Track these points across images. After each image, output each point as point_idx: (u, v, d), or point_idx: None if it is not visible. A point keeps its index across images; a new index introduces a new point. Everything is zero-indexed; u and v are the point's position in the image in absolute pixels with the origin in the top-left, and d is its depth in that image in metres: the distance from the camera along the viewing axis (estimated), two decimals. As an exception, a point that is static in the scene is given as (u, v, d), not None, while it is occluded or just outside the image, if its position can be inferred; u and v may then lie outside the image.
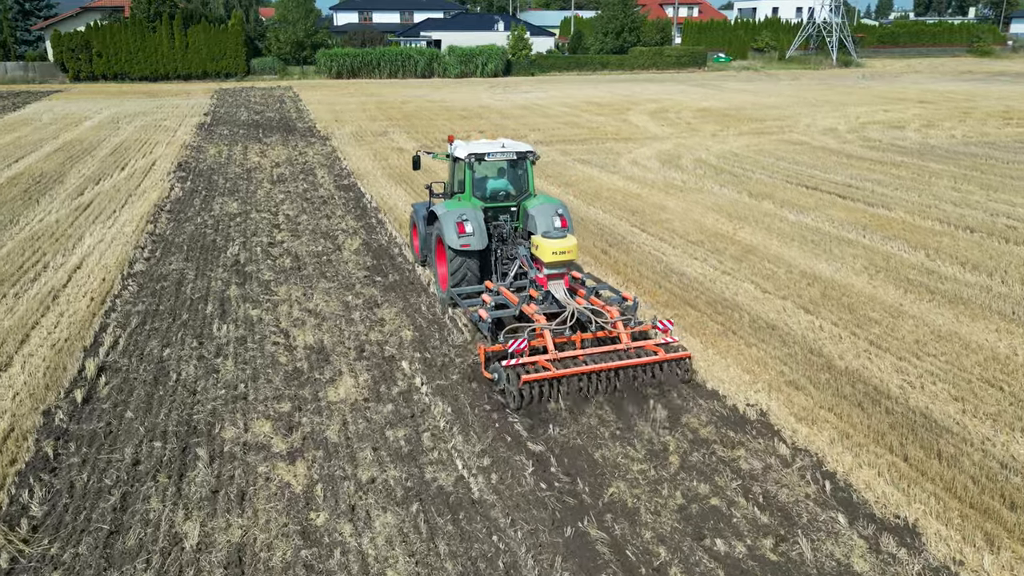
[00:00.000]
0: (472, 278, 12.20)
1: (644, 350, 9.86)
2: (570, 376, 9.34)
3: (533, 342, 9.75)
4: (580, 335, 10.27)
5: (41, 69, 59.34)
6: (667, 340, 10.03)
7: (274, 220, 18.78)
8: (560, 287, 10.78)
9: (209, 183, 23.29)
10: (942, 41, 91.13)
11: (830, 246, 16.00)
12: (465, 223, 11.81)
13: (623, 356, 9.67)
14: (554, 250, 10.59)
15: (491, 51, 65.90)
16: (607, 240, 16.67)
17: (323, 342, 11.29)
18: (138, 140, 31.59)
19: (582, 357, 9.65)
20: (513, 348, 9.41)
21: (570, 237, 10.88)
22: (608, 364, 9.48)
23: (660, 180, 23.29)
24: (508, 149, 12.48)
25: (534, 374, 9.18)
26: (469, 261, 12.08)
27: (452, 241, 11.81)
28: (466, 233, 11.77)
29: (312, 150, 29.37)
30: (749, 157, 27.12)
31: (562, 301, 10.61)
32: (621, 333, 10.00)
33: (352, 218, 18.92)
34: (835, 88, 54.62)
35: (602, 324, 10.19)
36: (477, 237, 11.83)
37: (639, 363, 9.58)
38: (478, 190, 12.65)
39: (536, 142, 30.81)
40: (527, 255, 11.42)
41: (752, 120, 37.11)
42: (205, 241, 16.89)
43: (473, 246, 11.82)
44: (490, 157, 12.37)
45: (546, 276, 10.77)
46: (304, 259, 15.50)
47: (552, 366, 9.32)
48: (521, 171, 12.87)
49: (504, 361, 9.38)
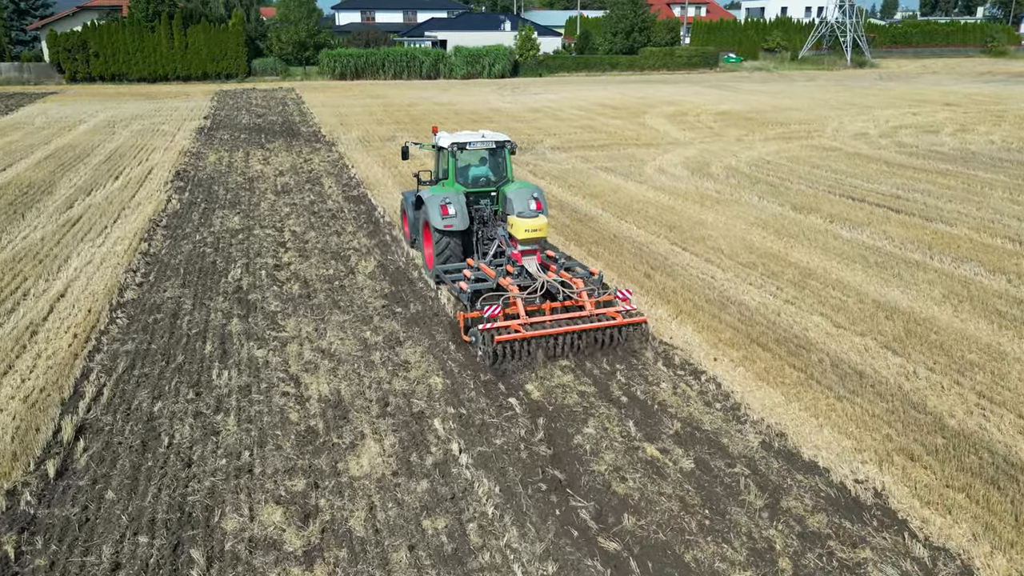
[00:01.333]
0: (456, 256, 13.40)
1: (606, 316, 10.96)
2: (538, 337, 10.48)
3: (507, 309, 10.98)
4: (549, 304, 11.44)
5: (36, 70, 57.73)
6: (628, 308, 11.07)
7: (279, 237, 17.20)
8: (532, 262, 11.90)
9: (209, 194, 21.71)
10: (955, 41, 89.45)
11: (898, 269, 14.41)
12: (448, 206, 13.03)
13: (587, 321, 10.83)
14: (526, 228, 11.74)
15: (498, 51, 64.27)
16: (648, 262, 15.08)
17: (340, 393, 9.70)
18: (134, 146, 30.00)
19: (550, 321, 10.84)
20: (488, 313, 10.52)
21: (541, 217, 12.03)
22: (573, 327, 10.59)
23: (692, 190, 21.70)
24: (488, 139, 13.81)
25: (506, 335, 10.32)
26: (452, 241, 13.29)
27: (437, 223, 13.03)
28: (449, 215, 12.99)
29: (317, 157, 27.78)
30: (782, 164, 25.52)
31: (534, 274, 11.71)
32: (585, 302, 11.19)
33: (364, 235, 17.33)
34: (853, 89, 52.99)
35: (568, 294, 11.41)
36: (459, 219, 13.05)
37: (601, 327, 10.72)
38: (461, 177, 13.90)
39: (554, 148, 29.25)
40: (505, 235, 12.63)
41: (776, 124, 35.50)
42: (204, 263, 15.31)
43: (456, 227, 13.05)
44: (471, 146, 13.71)
45: (520, 252, 11.91)
46: (314, 284, 13.92)
47: (522, 328, 10.48)
48: (500, 159, 14.12)
49: (481, 325, 10.49)
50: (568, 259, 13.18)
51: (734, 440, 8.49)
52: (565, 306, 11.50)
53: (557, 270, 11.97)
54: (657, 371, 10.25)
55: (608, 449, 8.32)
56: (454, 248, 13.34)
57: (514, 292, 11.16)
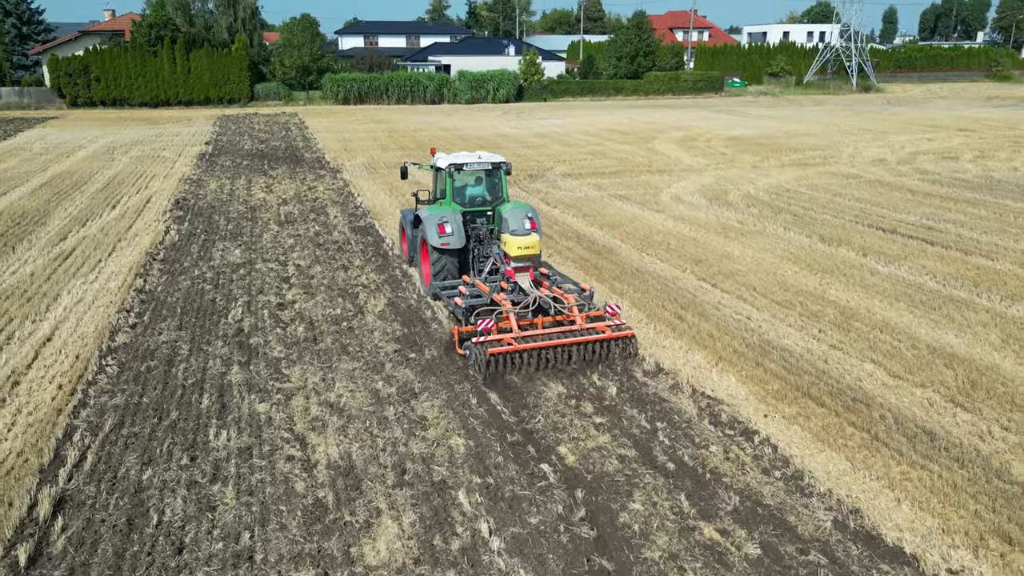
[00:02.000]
0: (452, 274, 13.77)
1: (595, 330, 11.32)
2: (530, 350, 10.83)
3: (500, 323, 11.37)
4: (542, 318, 11.81)
5: (37, 95, 57.24)
6: (617, 322, 11.49)
7: (283, 272, 16.26)
8: (525, 278, 12.20)
9: (209, 224, 20.81)
10: (959, 65, 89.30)
11: (947, 309, 13.43)
12: (445, 225, 13.40)
13: (578, 335, 11.20)
14: (519, 245, 12.02)
15: (503, 76, 63.87)
16: (677, 300, 14.10)
17: (351, 457, 8.68)
18: (133, 173, 29.19)
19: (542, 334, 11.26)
20: (482, 327, 10.90)
21: (534, 235, 12.35)
22: (564, 340, 10.99)
23: (713, 220, 20.80)
24: (484, 160, 14.12)
25: (499, 348, 10.68)
26: (449, 258, 13.69)
27: (434, 241, 13.42)
28: (446, 234, 13.36)
29: (322, 184, 26.93)
30: (802, 192, 24.66)
31: (527, 290, 12.02)
32: (576, 316, 11.54)
33: (373, 269, 16.38)
34: (862, 114, 52.41)
35: (560, 309, 11.75)
36: (456, 237, 13.41)
37: (590, 340, 11.07)
38: (458, 196, 14.25)
39: (564, 175, 28.43)
40: (499, 253, 12.80)
41: (790, 150, 34.74)
42: (203, 301, 14.34)
43: (452, 245, 13.44)
44: (468, 167, 14.06)
45: (513, 269, 12.18)
46: (320, 326, 12.94)
47: (515, 342, 10.87)
48: (496, 179, 14.44)
49: (475, 339, 10.86)
50: (561, 276, 13.86)
51: (802, 518, 7.46)
52: (557, 320, 11.85)
53: (550, 286, 12.47)
54: (703, 430, 9.24)
55: (660, 530, 7.29)
56: (450, 266, 13.79)
57: (507, 307, 11.57)
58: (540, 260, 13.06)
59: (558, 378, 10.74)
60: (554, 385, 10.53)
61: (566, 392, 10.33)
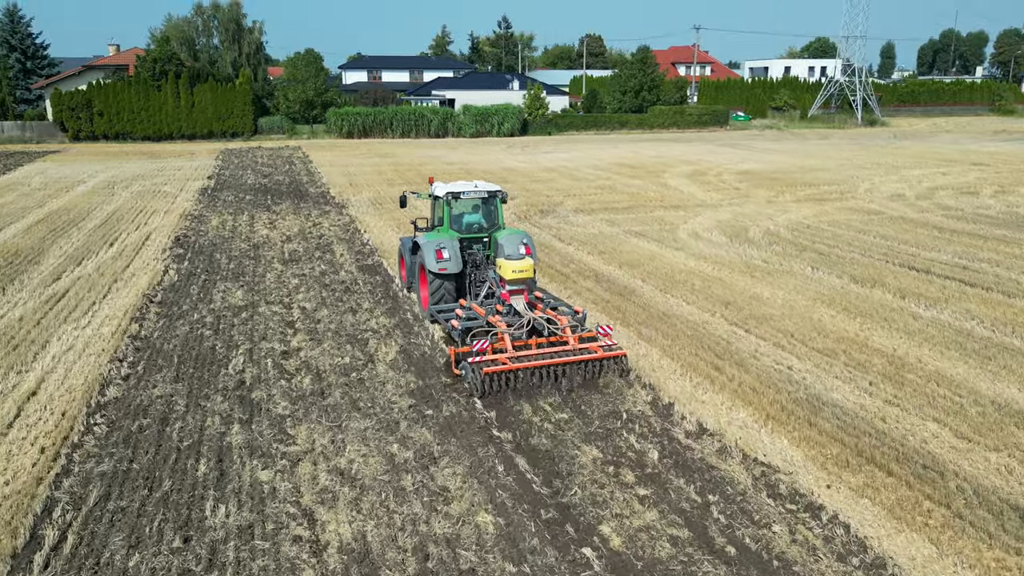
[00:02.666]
0: (449, 297, 14.13)
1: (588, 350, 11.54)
2: (524, 369, 10.99)
3: (495, 344, 11.52)
4: (536, 339, 12.04)
5: (39, 129, 56.88)
6: (609, 343, 11.76)
7: (287, 315, 15.33)
8: (520, 301, 12.61)
9: (210, 263, 19.94)
10: (962, 100, 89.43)
11: (1003, 359, 12.46)
12: (443, 251, 13.79)
13: (570, 355, 11.39)
14: (513, 269, 12.70)
15: (507, 110, 63.64)
16: (711, 348, 13.14)
17: (366, 538, 7.66)
18: (133, 208, 28.42)
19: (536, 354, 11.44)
20: (477, 347, 11.23)
21: (527, 260, 13.03)
22: (557, 360, 11.20)
23: (736, 259, 19.93)
24: (480, 189, 14.60)
25: (494, 367, 10.85)
26: (446, 283, 14.04)
27: (432, 266, 13.80)
28: (444, 259, 13.75)
29: (327, 220, 26.13)
30: (824, 229, 23.84)
31: (521, 312, 12.40)
32: (569, 337, 11.79)
33: (383, 312, 15.45)
34: (870, 148, 51.93)
35: (553, 331, 12.08)
36: (453, 263, 13.81)
37: (583, 359, 11.27)
38: (455, 224, 14.73)
39: (576, 210, 27.66)
40: (495, 277, 13.33)
41: (804, 184, 34.04)
42: (202, 349, 13.38)
43: (449, 270, 13.81)
44: (465, 196, 14.55)
45: (508, 291, 12.65)
46: (328, 377, 11.97)
47: (509, 361, 11.06)
48: (492, 207, 14.93)
49: (470, 359, 11.09)
50: (555, 299, 14.07)
51: (893, 619, 6.43)
52: (551, 341, 12.05)
53: (544, 308, 12.82)
54: (761, 504, 8.22)
55: (730, 635, 6.25)
56: (448, 290, 14.15)
57: (501, 328, 11.87)
58: (535, 284, 13.57)
59: (591, 440, 9.75)
60: (587, 448, 9.54)
61: (602, 457, 9.33)
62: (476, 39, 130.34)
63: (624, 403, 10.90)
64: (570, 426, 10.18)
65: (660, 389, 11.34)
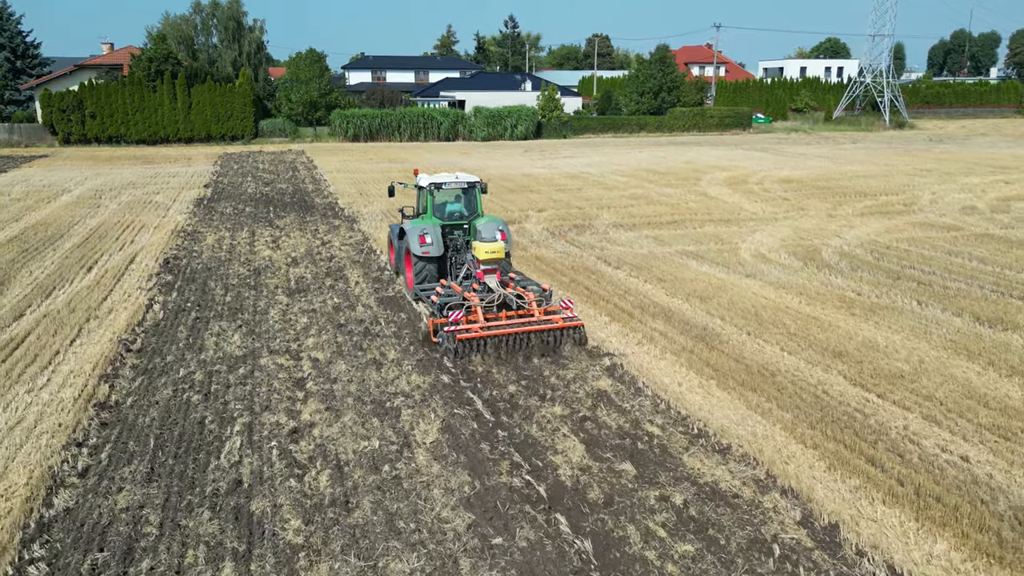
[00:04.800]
0: (432, 278, 15.52)
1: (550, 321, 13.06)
2: (492, 336, 12.53)
3: (469, 316, 13.10)
4: (506, 312, 13.57)
5: (28, 131, 53.82)
6: (569, 315, 13.24)
7: (296, 369, 12.32)
8: (493, 279, 14.02)
9: (203, 294, 16.93)
10: (988, 102, 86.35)
11: None
12: (426, 236, 15.19)
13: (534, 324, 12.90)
14: (487, 250, 13.98)
15: (521, 112, 60.56)
16: (848, 425, 10.11)
17: None
18: (119, 223, 25.41)
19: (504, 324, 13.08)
20: (452, 318, 12.85)
21: (499, 243, 14.17)
22: (522, 329, 12.71)
23: (822, 289, 16.92)
24: (460, 180, 15.96)
25: (466, 334, 12.45)
26: (429, 265, 15.48)
27: (416, 250, 15.24)
28: (426, 243, 15.17)
29: (337, 238, 23.09)
30: (907, 250, 20.81)
31: (494, 289, 13.86)
32: (535, 310, 13.41)
33: (414, 366, 12.42)
34: (914, 153, 48.87)
35: (521, 305, 13.68)
36: (435, 246, 15.21)
37: (544, 328, 12.74)
38: (438, 212, 16.00)
39: (615, 225, 24.66)
40: (472, 258, 14.60)
41: (858, 194, 31.00)
42: (187, 424, 10.36)
43: (431, 253, 15.23)
44: (446, 186, 15.85)
45: (482, 271, 14.09)
46: (352, 473, 8.96)
47: (480, 330, 12.62)
48: (472, 196, 16.19)
49: (446, 328, 12.71)
50: (525, 278, 15.67)
51: None
52: (519, 314, 13.49)
53: (515, 286, 14.26)
54: None
55: None
56: (430, 271, 15.62)
57: (474, 301, 13.25)
58: (509, 265, 15.79)
59: None
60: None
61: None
62: (482, 39, 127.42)
63: (769, 529, 7.88)
64: (703, 567, 7.16)
65: (811, 500, 8.31)
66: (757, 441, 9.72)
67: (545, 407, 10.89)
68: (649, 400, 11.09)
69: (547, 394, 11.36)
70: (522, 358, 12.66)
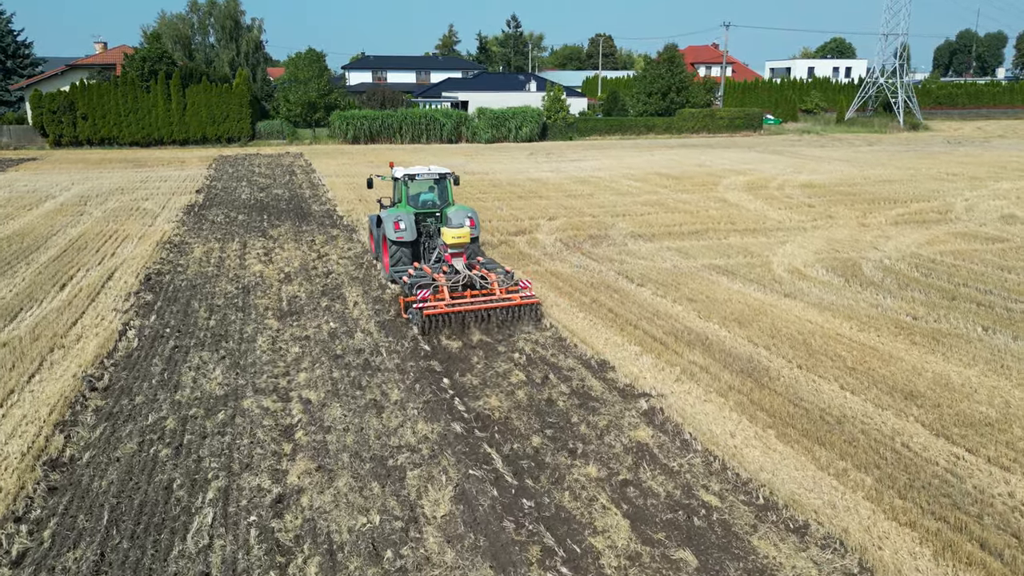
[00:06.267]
0: (406, 261, 16.85)
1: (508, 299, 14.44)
2: (456, 313, 13.95)
3: (435, 296, 14.39)
4: (471, 292, 14.79)
5: (17, 133, 52.13)
6: (527, 294, 14.64)
7: (283, 415, 10.63)
8: (459, 261, 15.34)
9: (184, 317, 15.24)
10: (1002, 102, 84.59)
11: None
12: (400, 223, 16.65)
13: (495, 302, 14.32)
14: (453, 235, 15.34)
15: (526, 113, 58.85)
16: (930, 486, 8.42)
17: None
18: (101, 233, 23.73)
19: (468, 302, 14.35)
20: (421, 296, 14.10)
21: (465, 228, 15.53)
22: (483, 306, 14.15)
23: (872, 311, 15.22)
24: (432, 171, 17.41)
25: (433, 310, 13.80)
26: (403, 249, 16.85)
27: (391, 235, 16.68)
28: (400, 229, 16.62)
29: (335, 250, 21.40)
30: (953, 264, 19.11)
31: (460, 270, 15.15)
32: (496, 289, 14.61)
33: (420, 409, 10.73)
34: (934, 156, 47.14)
35: (484, 285, 14.93)
36: (408, 232, 16.65)
37: (503, 305, 14.21)
38: (412, 201, 17.52)
39: (633, 235, 22.96)
40: (441, 243, 15.95)
41: (886, 201, 29.29)
42: (150, 489, 8.66)
43: (405, 238, 16.66)
44: (419, 177, 17.39)
45: (450, 254, 15.47)
46: (347, 563, 7.27)
47: (445, 307, 13.93)
48: (443, 187, 17.68)
49: (415, 305, 13.97)
50: (491, 262, 16.67)
51: None
52: (483, 293, 14.71)
53: (480, 268, 15.37)
54: None
55: None
56: (405, 255, 16.73)
57: (441, 281, 14.53)
58: (478, 249, 16.95)
59: None
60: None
61: None
62: (484, 39, 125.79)
63: None
64: None
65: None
66: (839, 516, 8.03)
67: (577, 466, 9.20)
68: (700, 457, 9.40)
69: (578, 448, 9.67)
70: (545, 402, 10.99)
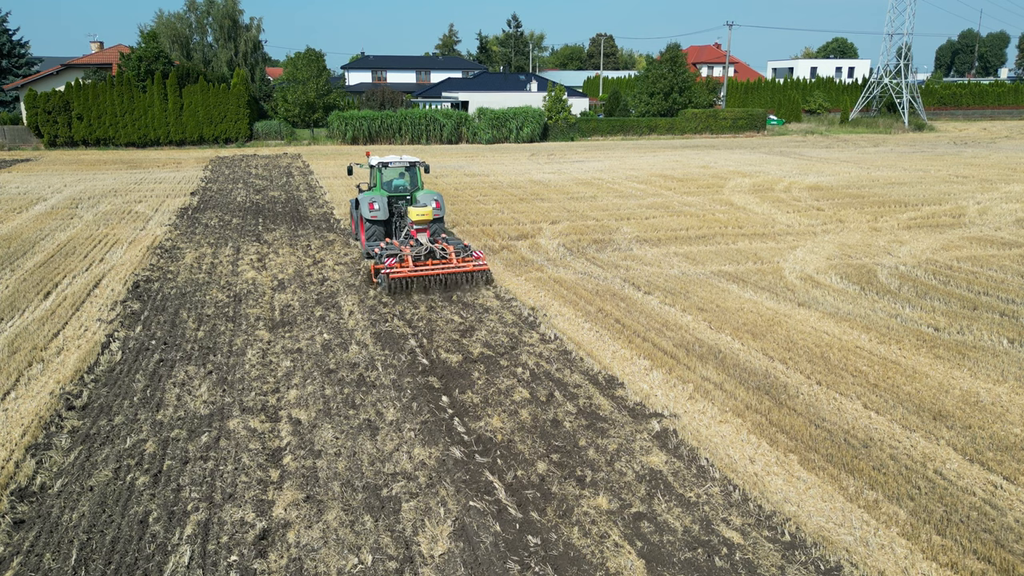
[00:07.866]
0: (380, 237, 19.48)
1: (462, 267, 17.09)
2: (418, 277, 16.49)
3: (401, 264, 16.86)
4: (432, 261, 17.27)
5: (12, 133, 51.44)
6: (479, 262, 17.31)
7: (271, 438, 9.96)
8: (424, 236, 17.79)
9: (172, 328, 14.56)
10: (1006, 103, 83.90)
11: None
12: (374, 204, 19.19)
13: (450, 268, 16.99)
14: (417, 213, 17.89)
15: (527, 113, 58.16)
16: (968, 520, 7.74)
17: None
18: (91, 237, 23.05)
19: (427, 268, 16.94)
20: (387, 263, 16.60)
21: (428, 208, 18.11)
22: (440, 271, 16.75)
23: (891, 321, 14.54)
24: (404, 160, 20.15)
25: (398, 274, 16.35)
26: (377, 227, 19.42)
27: (366, 215, 19.24)
28: (375, 209, 19.16)
29: (331, 256, 20.72)
30: (972, 271, 18.44)
31: (423, 243, 17.62)
32: (453, 259, 17.32)
33: (417, 431, 10.05)
34: (942, 157, 46.45)
35: (444, 255, 17.47)
36: (381, 212, 19.20)
37: (458, 271, 16.88)
38: (385, 186, 20.04)
39: (638, 240, 22.28)
40: (408, 221, 18.76)
41: (896, 204, 28.62)
42: (123, 526, 7.99)
43: (378, 217, 19.20)
44: (392, 164, 20.08)
45: (415, 230, 18.01)
46: (336, 609, 6.60)
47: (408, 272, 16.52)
48: (413, 173, 20.42)
49: (383, 271, 16.53)
50: (453, 237, 19.44)
51: None
52: (442, 263, 17.28)
53: (442, 243, 17.76)
54: None
55: None
56: (378, 232, 19.43)
57: (405, 251, 17.10)
58: (443, 228, 19.30)
59: None
60: None
61: None
62: (484, 39, 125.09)
63: None
64: None
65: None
66: (873, 555, 7.36)
67: (586, 497, 8.52)
68: (718, 486, 8.72)
69: (587, 476, 8.99)
70: (551, 423, 10.32)
